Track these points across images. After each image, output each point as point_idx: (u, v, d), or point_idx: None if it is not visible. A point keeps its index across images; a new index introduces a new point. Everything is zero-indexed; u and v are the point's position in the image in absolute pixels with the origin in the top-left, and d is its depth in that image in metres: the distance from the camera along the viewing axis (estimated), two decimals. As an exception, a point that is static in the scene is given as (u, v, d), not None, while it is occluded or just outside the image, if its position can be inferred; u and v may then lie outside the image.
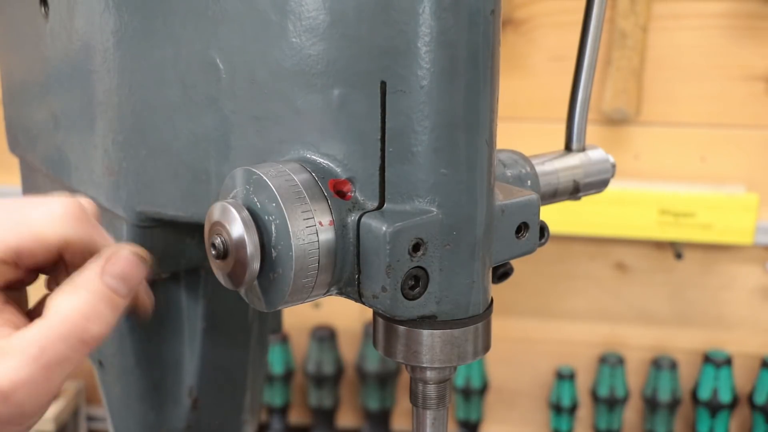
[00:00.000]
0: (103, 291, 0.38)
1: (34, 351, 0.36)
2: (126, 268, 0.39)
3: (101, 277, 0.38)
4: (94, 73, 0.49)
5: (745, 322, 1.58)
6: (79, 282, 0.38)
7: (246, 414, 0.63)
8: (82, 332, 0.37)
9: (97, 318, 0.37)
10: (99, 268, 0.38)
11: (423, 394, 0.42)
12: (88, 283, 0.38)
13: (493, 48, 0.38)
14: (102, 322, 0.38)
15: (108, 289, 0.38)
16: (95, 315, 0.37)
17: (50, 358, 0.36)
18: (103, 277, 0.38)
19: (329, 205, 0.38)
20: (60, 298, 0.37)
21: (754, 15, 1.41)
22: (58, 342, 0.36)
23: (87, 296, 0.37)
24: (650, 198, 1.44)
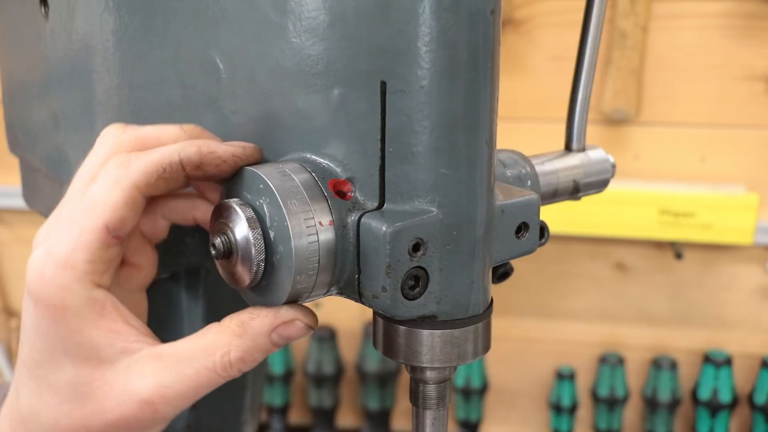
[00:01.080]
0: (266, 345, 0.39)
1: (189, 372, 0.38)
2: (294, 335, 0.39)
3: (269, 335, 0.39)
4: (94, 73, 0.49)
5: (745, 322, 1.58)
6: (248, 329, 0.39)
7: (246, 414, 0.63)
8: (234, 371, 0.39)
9: (250, 362, 0.39)
10: (272, 325, 0.39)
11: (423, 394, 0.42)
12: (256, 334, 0.39)
13: (493, 48, 0.38)
14: (251, 365, 0.39)
15: (271, 344, 0.39)
16: (250, 360, 0.39)
17: (201, 381, 0.38)
18: (271, 336, 0.39)
19: (329, 205, 0.38)
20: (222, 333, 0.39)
21: (754, 15, 1.41)
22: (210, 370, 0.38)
23: (250, 344, 0.39)
24: (650, 198, 1.44)
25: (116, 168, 0.38)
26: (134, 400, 0.38)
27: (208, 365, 0.38)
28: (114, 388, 0.38)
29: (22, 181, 0.72)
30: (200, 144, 0.38)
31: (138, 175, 0.38)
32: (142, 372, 0.38)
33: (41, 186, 0.66)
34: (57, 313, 0.37)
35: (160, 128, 0.40)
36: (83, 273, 0.37)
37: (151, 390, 0.38)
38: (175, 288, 0.56)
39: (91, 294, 0.38)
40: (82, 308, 0.38)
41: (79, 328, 0.38)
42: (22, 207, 1.40)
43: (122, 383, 0.38)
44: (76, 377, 0.38)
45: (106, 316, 0.38)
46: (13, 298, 1.82)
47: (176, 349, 0.39)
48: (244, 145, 0.39)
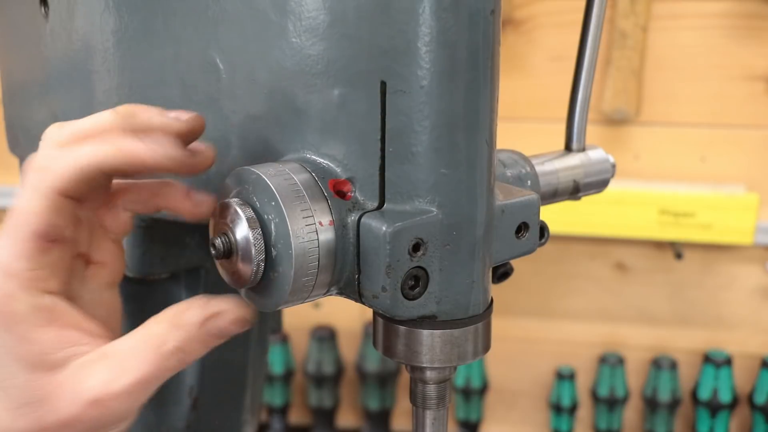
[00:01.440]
0: (201, 336, 0.39)
1: (131, 366, 0.38)
2: (225, 328, 0.39)
3: (202, 326, 0.39)
4: (94, 73, 0.49)
5: (745, 322, 1.58)
6: (182, 319, 0.39)
7: (246, 414, 0.63)
8: (174, 362, 0.39)
9: (190, 352, 0.39)
10: (202, 317, 0.39)
11: (423, 394, 0.42)
12: (189, 325, 0.39)
13: (493, 48, 0.38)
14: (192, 355, 0.39)
15: (207, 335, 0.39)
16: (190, 350, 0.39)
17: (145, 375, 0.38)
18: (206, 327, 0.39)
19: (329, 205, 0.38)
20: (159, 324, 0.39)
21: (754, 15, 1.41)
22: (151, 362, 0.38)
23: (185, 335, 0.39)
24: (650, 198, 1.44)
25: (35, 173, 0.37)
26: (83, 399, 0.38)
27: (149, 358, 0.38)
28: (65, 390, 0.38)
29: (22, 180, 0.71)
30: (120, 145, 0.37)
31: (57, 180, 0.37)
32: (91, 372, 0.38)
33: (41, 186, 0.66)
34: (4, 320, 0.38)
35: (95, 117, 0.39)
36: (26, 280, 0.37)
37: (98, 388, 0.38)
38: (175, 288, 0.56)
39: (38, 301, 0.38)
40: (29, 315, 0.38)
41: (27, 335, 0.38)
42: (22, 207, 1.40)
43: (71, 384, 0.38)
44: (27, 382, 0.38)
45: (54, 322, 0.38)
46: (13, 298, 1.82)
47: (120, 345, 0.39)
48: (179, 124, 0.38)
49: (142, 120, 0.38)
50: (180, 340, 0.39)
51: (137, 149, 0.37)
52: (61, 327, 0.39)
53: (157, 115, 0.38)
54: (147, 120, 0.38)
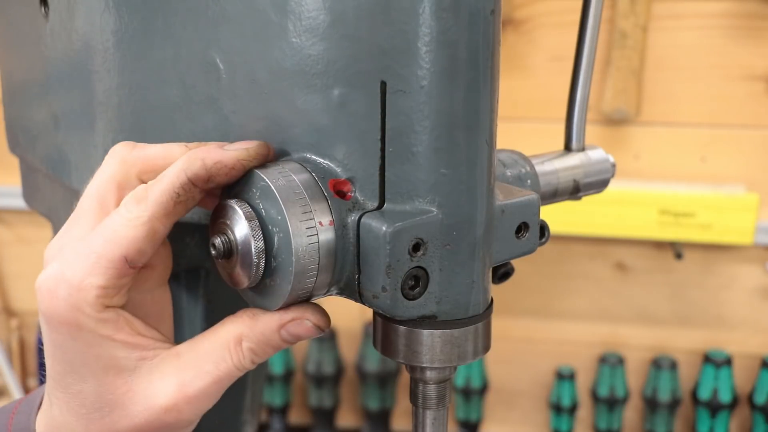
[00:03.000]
0: (275, 341, 0.40)
1: (208, 367, 0.39)
2: (303, 334, 0.40)
3: (278, 331, 0.39)
4: (94, 73, 0.49)
5: (745, 322, 1.58)
6: (259, 322, 0.39)
7: (246, 414, 0.63)
8: (248, 362, 0.40)
9: (261, 355, 0.40)
10: (280, 321, 0.39)
11: (423, 394, 0.42)
12: (266, 328, 0.39)
13: (493, 48, 0.38)
14: (263, 357, 0.40)
15: (281, 340, 0.40)
16: (261, 353, 0.40)
17: (221, 375, 0.39)
18: (281, 332, 0.39)
19: (329, 205, 0.38)
20: (235, 324, 0.40)
21: (754, 15, 1.41)
22: (227, 362, 0.39)
23: (260, 338, 0.39)
24: (650, 198, 1.44)
25: (135, 205, 0.38)
26: (158, 403, 0.38)
27: (225, 357, 0.39)
28: (138, 393, 0.39)
29: (22, 181, 0.72)
30: (203, 156, 0.38)
31: (156, 207, 0.38)
32: (164, 374, 0.39)
33: (41, 186, 0.66)
34: (71, 330, 0.38)
35: (167, 148, 0.40)
36: (96, 297, 0.38)
37: (173, 390, 0.39)
38: (175, 288, 0.55)
39: (103, 315, 0.38)
40: (96, 327, 0.38)
41: (95, 343, 0.38)
42: (22, 207, 1.40)
43: (145, 387, 0.39)
44: (99, 387, 0.39)
45: (119, 332, 0.39)
46: (13, 298, 1.82)
47: (193, 346, 0.40)
48: (248, 147, 0.39)
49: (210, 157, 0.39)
50: (255, 341, 0.39)
51: (221, 156, 0.38)
52: (128, 334, 0.39)
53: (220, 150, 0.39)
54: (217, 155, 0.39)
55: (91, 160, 0.52)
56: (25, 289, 1.81)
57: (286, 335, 0.39)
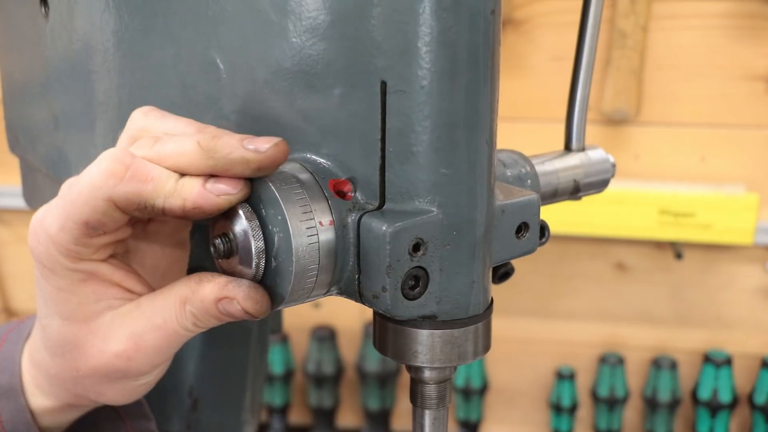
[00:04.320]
0: (214, 312, 0.40)
1: (158, 321, 0.40)
2: (234, 314, 0.40)
3: (216, 304, 0.40)
4: (94, 73, 0.49)
5: (745, 322, 1.58)
6: (200, 290, 0.40)
7: (246, 414, 0.63)
8: (190, 325, 0.40)
9: (203, 321, 0.40)
10: (218, 295, 0.40)
11: (423, 394, 0.42)
12: (205, 298, 0.40)
13: (493, 48, 0.38)
14: (205, 324, 0.41)
15: (219, 312, 0.40)
16: (203, 320, 0.40)
17: (169, 332, 0.40)
18: (218, 305, 0.40)
19: (329, 205, 0.38)
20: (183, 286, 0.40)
21: (754, 15, 1.41)
22: (173, 321, 0.40)
23: (200, 306, 0.40)
24: (650, 198, 1.44)
25: (106, 175, 0.37)
26: (112, 348, 0.40)
27: (172, 315, 0.40)
28: (97, 337, 0.41)
29: (22, 181, 0.72)
30: (185, 197, 0.37)
31: (120, 195, 0.37)
32: (122, 322, 0.40)
33: (41, 186, 0.66)
34: (45, 272, 0.40)
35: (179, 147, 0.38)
36: (68, 251, 0.39)
37: (126, 338, 0.40)
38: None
39: (78, 266, 0.40)
40: (67, 275, 0.40)
41: (65, 289, 0.40)
42: (22, 207, 1.40)
43: (104, 333, 0.41)
44: (62, 327, 0.41)
45: (91, 281, 0.40)
46: (13, 298, 1.82)
47: (152, 299, 0.41)
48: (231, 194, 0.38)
49: (222, 156, 0.37)
50: (196, 308, 0.40)
51: (204, 201, 0.37)
52: (99, 284, 0.40)
53: (237, 149, 0.37)
54: (227, 156, 0.37)
55: (91, 160, 0.51)
56: (25, 289, 1.81)
57: (223, 310, 0.40)
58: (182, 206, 0.37)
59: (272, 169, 0.38)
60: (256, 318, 0.40)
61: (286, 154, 0.38)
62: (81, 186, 0.38)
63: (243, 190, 0.38)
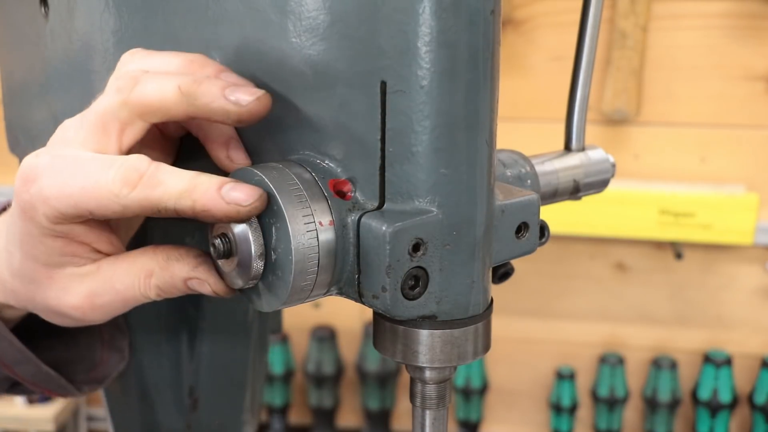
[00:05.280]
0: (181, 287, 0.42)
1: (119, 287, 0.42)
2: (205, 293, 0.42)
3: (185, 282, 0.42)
4: (94, 73, 0.49)
5: (745, 322, 1.58)
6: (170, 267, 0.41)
7: (246, 414, 0.63)
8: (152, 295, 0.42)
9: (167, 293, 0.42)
10: (188, 275, 0.41)
11: (423, 394, 0.42)
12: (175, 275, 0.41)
13: (493, 48, 0.38)
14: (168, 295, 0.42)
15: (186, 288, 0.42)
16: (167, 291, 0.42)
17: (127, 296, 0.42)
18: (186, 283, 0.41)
19: (329, 205, 0.38)
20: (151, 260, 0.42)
21: (754, 15, 1.41)
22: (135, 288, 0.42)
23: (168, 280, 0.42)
24: (650, 198, 1.44)
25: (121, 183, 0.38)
26: (69, 300, 0.42)
27: (134, 284, 0.41)
28: (55, 284, 0.42)
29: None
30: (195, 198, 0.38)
31: (133, 203, 0.38)
32: (82, 280, 0.42)
33: (41, 186, 0.66)
34: (22, 215, 0.40)
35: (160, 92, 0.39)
36: (54, 217, 0.39)
37: (83, 295, 0.42)
38: (175, 288, 0.55)
39: (54, 227, 0.40)
40: (42, 230, 0.40)
41: (36, 236, 0.41)
42: (22, 207, 1.40)
43: (63, 284, 0.42)
44: (25, 263, 0.42)
45: (63, 238, 0.41)
46: (13, 298, 1.82)
47: (114, 264, 0.42)
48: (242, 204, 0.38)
49: (202, 104, 0.38)
50: (162, 283, 0.41)
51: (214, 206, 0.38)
52: (69, 241, 0.41)
53: (218, 99, 0.38)
54: (207, 104, 0.38)
55: (91, 160, 0.52)
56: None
57: (191, 287, 0.41)
58: (192, 207, 0.38)
59: (253, 122, 0.39)
60: (221, 297, 0.42)
61: (267, 108, 0.39)
62: (98, 183, 0.38)
63: (255, 204, 0.37)
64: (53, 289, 0.42)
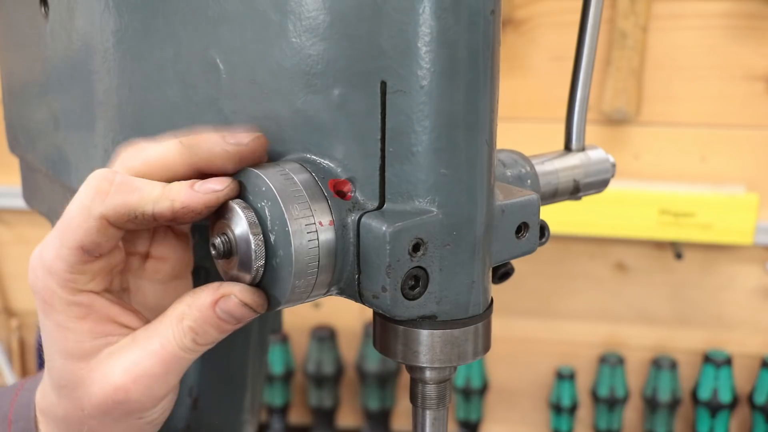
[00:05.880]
0: (213, 318, 0.40)
1: (155, 346, 0.40)
2: (234, 312, 0.40)
3: (213, 308, 0.40)
4: (94, 73, 0.49)
5: (745, 322, 1.58)
6: (196, 300, 0.40)
7: (246, 414, 0.63)
8: (189, 342, 0.40)
9: (203, 335, 0.40)
10: (213, 297, 0.40)
11: (423, 394, 0.42)
12: (201, 305, 0.40)
13: (493, 48, 0.38)
14: (205, 338, 0.40)
15: (218, 318, 0.40)
16: (202, 333, 0.40)
17: (167, 356, 0.40)
18: (215, 309, 0.40)
19: (329, 205, 0.38)
20: (179, 303, 0.40)
21: (754, 15, 1.41)
22: (171, 341, 0.40)
23: (198, 315, 0.40)
24: (650, 198, 1.44)
25: (93, 194, 0.38)
26: (110, 382, 0.40)
27: (169, 336, 0.40)
28: (96, 375, 0.40)
29: (22, 181, 0.72)
30: (173, 198, 0.38)
31: (109, 210, 0.38)
32: (119, 356, 0.40)
33: (41, 186, 0.66)
34: (46, 308, 0.40)
35: (162, 149, 0.40)
36: (65, 281, 0.39)
37: (122, 370, 0.40)
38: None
39: (75, 299, 0.40)
40: (65, 310, 0.40)
41: (63, 324, 0.40)
42: (22, 207, 1.40)
43: (103, 370, 0.40)
44: (63, 366, 0.41)
45: (89, 316, 0.40)
46: (13, 298, 1.82)
47: (147, 327, 0.41)
48: (218, 189, 0.38)
49: (204, 150, 0.39)
50: (194, 319, 0.40)
51: (190, 200, 0.38)
52: (96, 320, 0.40)
53: (219, 144, 0.39)
54: (208, 151, 0.39)
55: (91, 160, 0.52)
56: (25, 289, 1.81)
57: (221, 313, 0.39)
58: (171, 207, 0.38)
59: (253, 161, 0.39)
60: (257, 312, 0.40)
61: (265, 147, 0.40)
62: (72, 210, 0.39)
63: (230, 186, 0.38)
64: (95, 380, 0.40)
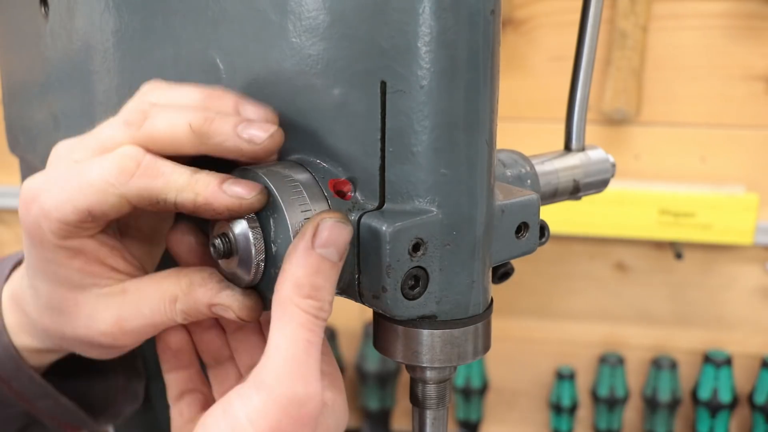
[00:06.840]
0: (205, 313, 0.41)
1: (146, 311, 0.41)
2: (230, 320, 0.40)
3: (208, 308, 0.41)
4: (94, 73, 0.49)
5: (745, 322, 1.58)
6: (193, 293, 0.40)
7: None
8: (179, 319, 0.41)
9: (193, 318, 0.41)
10: (210, 302, 0.40)
11: (423, 394, 0.42)
12: (198, 301, 0.40)
13: (493, 48, 0.38)
14: (195, 319, 0.42)
15: (210, 314, 0.41)
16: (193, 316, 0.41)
17: (155, 320, 0.41)
18: (210, 309, 0.41)
19: (329, 205, 0.38)
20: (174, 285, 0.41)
21: (754, 15, 1.41)
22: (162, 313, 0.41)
23: (191, 306, 0.41)
24: (650, 198, 1.44)
25: (117, 172, 0.38)
26: (98, 327, 0.42)
27: (160, 309, 0.41)
28: (83, 311, 0.41)
29: (22, 181, 0.72)
30: (197, 191, 0.38)
31: (132, 192, 0.38)
32: (108, 305, 0.41)
33: (41, 186, 0.66)
34: (34, 242, 0.40)
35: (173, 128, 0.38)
36: (58, 230, 0.39)
37: (112, 322, 0.41)
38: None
39: (64, 243, 0.40)
40: (54, 250, 0.40)
41: (52, 260, 0.40)
42: (22, 207, 1.40)
43: (90, 309, 0.41)
44: (51, 292, 0.42)
45: (76, 258, 0.40)
46: (13, 298, 1.82)
47: (139, 287, 0.41)
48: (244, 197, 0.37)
49: (215, 144, 0.38)
50: (187, 308, 0.41)
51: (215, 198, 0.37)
52: (86, 261, 0.41)
53: (231, 138, 0.38)
54: (220, 144, 0.38)
55: (91, 160, 0.52)
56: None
57: (216, 313, 0.41)
58: (194, 201, 0.38)
59: (267, 158, 0.39)
60: (250, 322, 0.41)
61: (280, 143, 0.39)
62: (92, 177, 0.38)
63: (257, 197, 0.37)
64: (81, 317, 0.42)
